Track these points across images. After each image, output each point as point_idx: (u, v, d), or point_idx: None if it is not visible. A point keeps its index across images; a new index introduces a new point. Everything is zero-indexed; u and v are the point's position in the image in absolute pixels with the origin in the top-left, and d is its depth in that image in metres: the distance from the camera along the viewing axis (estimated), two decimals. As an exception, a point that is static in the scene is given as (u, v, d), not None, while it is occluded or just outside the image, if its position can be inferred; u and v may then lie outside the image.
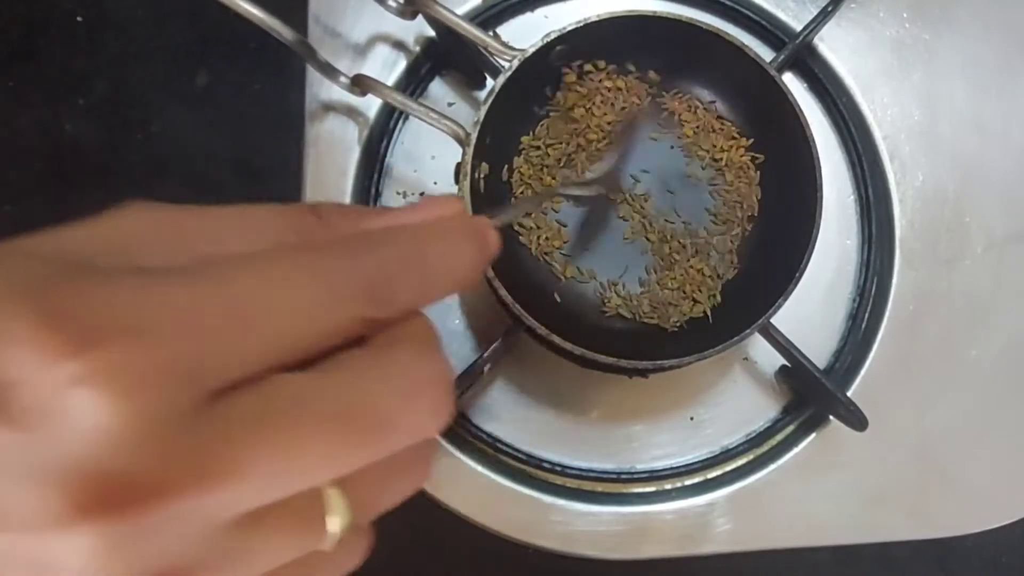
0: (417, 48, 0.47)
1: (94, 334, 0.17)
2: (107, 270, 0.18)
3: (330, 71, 0.43)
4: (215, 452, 0.17)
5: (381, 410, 0.19)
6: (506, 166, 0.44)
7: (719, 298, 0.44)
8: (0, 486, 0.17)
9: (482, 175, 0.42)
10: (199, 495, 0.17)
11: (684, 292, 0.44)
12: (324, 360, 0.19)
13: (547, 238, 0.44)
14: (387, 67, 0.47)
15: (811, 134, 0.41)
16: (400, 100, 0.42)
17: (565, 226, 0.44)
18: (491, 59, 0.45)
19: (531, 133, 0.45)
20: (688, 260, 0.44)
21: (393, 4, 0.43)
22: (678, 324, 0.44)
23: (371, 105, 0.46)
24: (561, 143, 0.45)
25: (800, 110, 0.41)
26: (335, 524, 0.19)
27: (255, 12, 0.40)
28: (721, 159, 0.45)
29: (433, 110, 0.41)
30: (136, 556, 0.17)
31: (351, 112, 0.46)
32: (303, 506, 0.19)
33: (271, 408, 0.18)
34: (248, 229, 0.21)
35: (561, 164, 0.44)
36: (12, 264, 0.18)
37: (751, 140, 0.45)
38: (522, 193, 0.44)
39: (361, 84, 0.43)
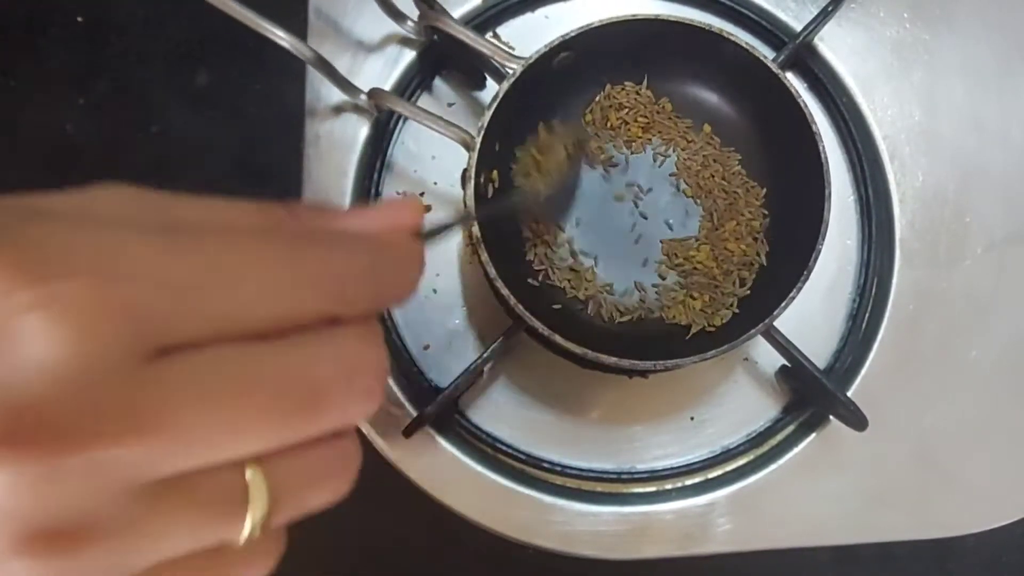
0: (417, 48, 0.47)
1: (53, 268, 0.17)
2: (74, 218, 0.18)
3: (348, 88, 0.44)
4: (146, 407, 0.17)
5: (316, 382, 0.19)
6: (510, 171, 0.44)
7: (733, 313, 0.44)
8: None
9: (492, 181, 0.42)
10: (122, 447, 0.17)
11: (699, 310, 0.44)
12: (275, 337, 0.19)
13: (547, 255, 0.44)
14: (388, 65, 0.47)
15: (819, 133, 0.41)
16: (413, 110, 0.42)
17: (567, 240, 0.45)
18: (494, 62, 0.45)
19: (530, 138, 0.44)
20: (699, 284, 0.44)
21: (411, 24, 0.43)
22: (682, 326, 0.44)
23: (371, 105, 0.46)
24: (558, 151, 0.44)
25: (808, 111, 0.41)
26: (254, 511, 0.19)
27: (277, 32, 0.40)
28: (729, 190, 0.45)
29: (443, 119, 0.41)
30: (48, 500, 0.17)
31: (351, 112, 0.46)
32: (223, 484, 0.19)
33: (210, 371, 0.18)
34: (225, 212, 0.21)
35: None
36: None
37: (764, 185, 0.45)
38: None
39: (377, 98, 0.43)
